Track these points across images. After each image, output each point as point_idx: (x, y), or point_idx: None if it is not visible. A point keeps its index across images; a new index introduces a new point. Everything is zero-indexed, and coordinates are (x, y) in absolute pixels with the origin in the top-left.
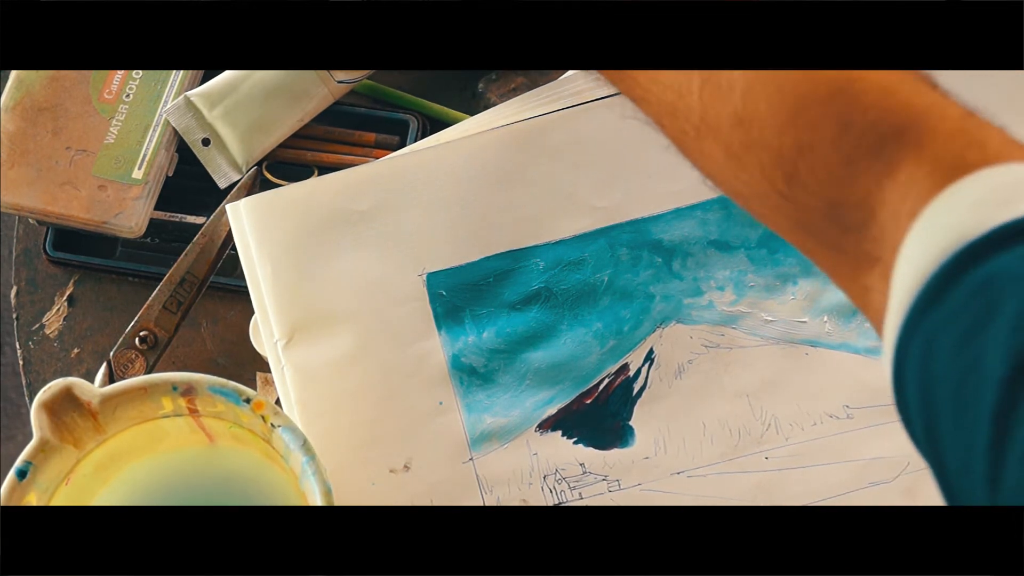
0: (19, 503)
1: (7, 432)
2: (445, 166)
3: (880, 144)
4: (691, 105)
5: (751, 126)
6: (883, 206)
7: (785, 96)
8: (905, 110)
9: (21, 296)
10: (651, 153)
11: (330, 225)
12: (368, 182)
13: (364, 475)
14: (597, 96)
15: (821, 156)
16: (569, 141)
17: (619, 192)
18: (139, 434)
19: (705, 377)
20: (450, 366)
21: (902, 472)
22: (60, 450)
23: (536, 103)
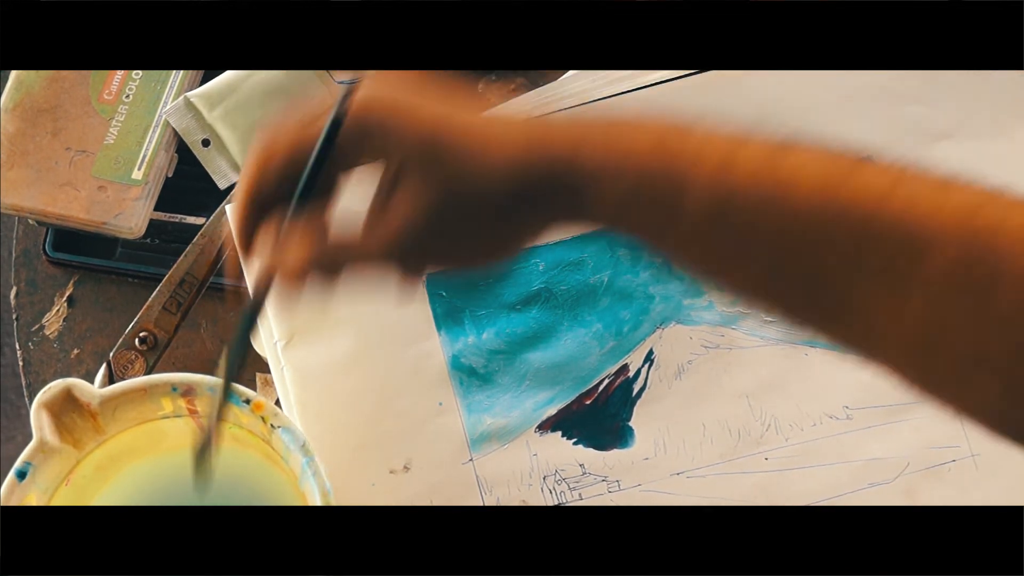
0: (19, 503)
1: (7, 433)
2: None
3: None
4: (956, 339)
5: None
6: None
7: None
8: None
9: (21, 297)
10: None
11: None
12: (368, 181)
13: (364, 476)
14: (597, 96)
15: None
16: None
17: None
18: (139, 435)
19: (705, 378)
20: (450, 367)
21: (902, 472)
22: (60, 451)
23: (536, 103)
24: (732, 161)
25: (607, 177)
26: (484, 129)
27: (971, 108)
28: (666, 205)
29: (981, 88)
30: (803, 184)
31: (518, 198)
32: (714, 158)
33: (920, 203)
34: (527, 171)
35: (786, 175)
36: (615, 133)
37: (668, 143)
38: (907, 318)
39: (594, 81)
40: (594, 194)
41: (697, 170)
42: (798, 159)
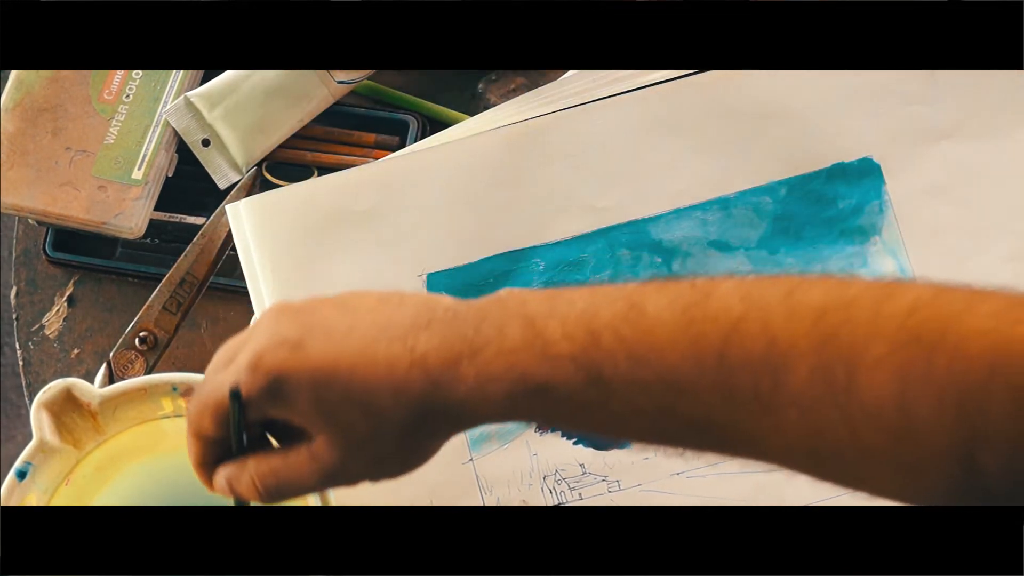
0: (19, 503)
1: (7, 433)
2: (445, 166)
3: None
4: (837, 439)
5: (918, 435)
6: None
7: (944, 392)
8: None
9: (21, 297)
10: (651, 153)
11: (330, 226)
12: (368, 182)
13: None
14: (597, 96)
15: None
16: (569, 141)
17: (619, 192)
18: (139, 435)
19: None
20: None
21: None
22: (60, 451)
23: (536, 103)
24: (593, 330)
25: (481, 385)
26: (367, 365)
27: (971, 108)
28: (543, 394)
29: (981, 88)
30: (660, 332)
31: (411, 422)
32: (576, 333)
33: (770, 321)
34: (412, 399)
35: (644, 326)
36: (485, 337)
37: (534, 329)
38: (789, 433)
39: (594, 81)
40: (475, 403)
41: (562, 350)
42: (652, 305)
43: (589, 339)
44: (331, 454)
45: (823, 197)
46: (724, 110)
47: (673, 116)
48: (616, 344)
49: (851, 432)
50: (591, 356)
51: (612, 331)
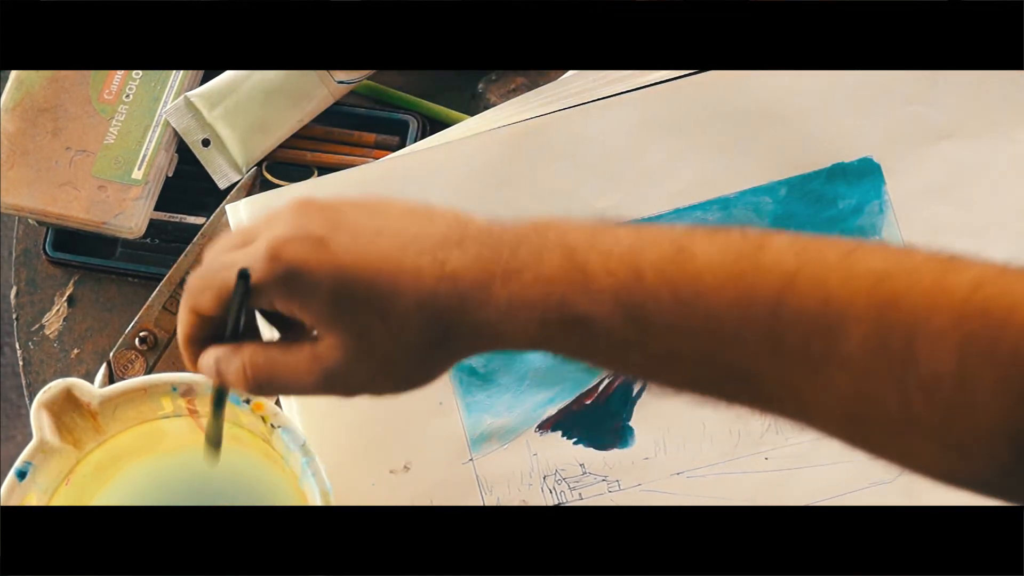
0: (19, 503)
1: (7, 432)
2: (445, 166)
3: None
4: (886, 408)
5: (974, 412)
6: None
7: (1007, 371)
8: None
9: (21, 296)
10: (651, 153)
11: None
12: (368, 182)
13: (364, 475)
14: (597, 96)
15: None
16: (569, 141)
17: (619, 192)
18: (139, 435)
19: None
20: None
21: (902, 472)
22: (60, 450)
23: (536, 103)
24: (638, 268)
25: (515, 310)
26: (393, 272)
27: (971, 108)
28: (580, 326)
29: (981, 88)
30: (709, 278)
31: (432, 336)
32: (619, 269)
33: (826, 279)
34: (438, 312)
35: (692, 270)
36: (521, 261)
37: (574, 260)
38: (835, 395)
39: (594, 81)
40: (506, 327)
41: (603, 284)
42: (702, 251)
43: (633, 277)
44: (337, 357)
45: (823, 197)
46: (724, 110)
47: (673, 116)
48: (661, 285)
49: (902, 402)
50: (634, 295)
51: (658, 272)
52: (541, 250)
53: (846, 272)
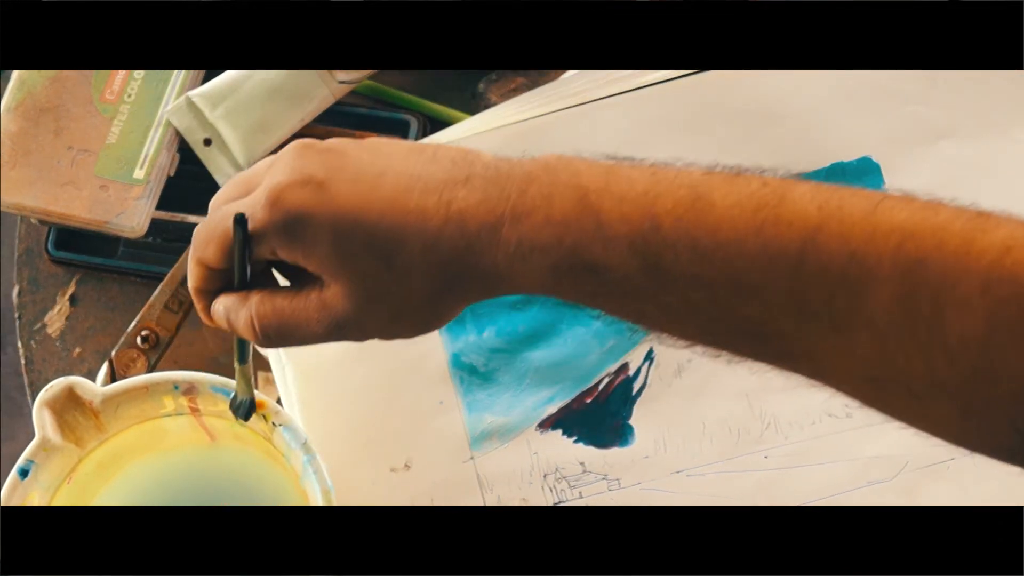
0: (21, 502)
1: (9, 431)
2: None
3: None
4: (908, 370)
5: (999, 379)
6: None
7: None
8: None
9: (23, 295)
10: (651, 153)
11: None
12: None
13: (365, 474)
14: (597, 96)
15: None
16: (569, 141)
17: None
18: (141, 433)
19: (704, 376)
20: (451, 365)
21: (901, 471)
22: (62, 449)
23: (536, 103)
24: (654, 216)
25: (525, 254)
26: (397, 214)
27: (971, 108)
28: (592, 274)
29: (981, 88)
30: (728, 229)
31: (440, 280)
32: (635, 216)
33: (851, 235)
34: (445, 255)
35: (710, 221)
36: (532, 202)
37: (588, 205)
38: (856, 355)
39: (594, 81)
40: (516, 271)
41: (618, 231)
42: (721, 200)
43: (649, 224)
44: (344, 305)
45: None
46: (724, 110)
47: (673, 116)
48: (679, 234)
49: (925, 366)
50: (650, 244)
51: (675, 219)
52: (552, 191)
53: (871, 228)
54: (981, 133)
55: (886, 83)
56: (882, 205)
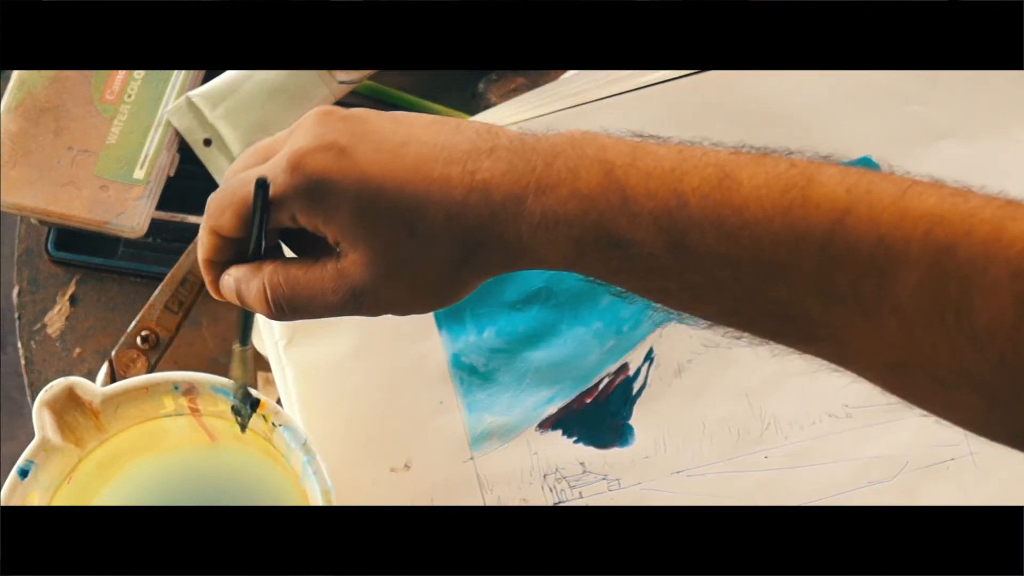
0: (21, 502)
1: (9, 431)
2: None
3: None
4: (935, 358)
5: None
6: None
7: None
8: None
9: (23, 296)
10: None
11: None
12: None
13: (365, 474)
14: (597, 96)
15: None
16: None
17: None
18: (141, 433)
19: (704, 376)
20: (451, 365)
21: (901, 471)
22: (62, 449)
23: (536, 103)
24: (680, 193)
25: (549, 226)
26: (420, 182)
27: (971, 108)
28: (616, 249)
29: (981, 88)
30: (756, 209)
31: (461, 250)
32: (661, 192)
33: (879, 218)
34: (467, 224)
35: (737, 200)
36: (557, 175)
37: (614, 179)
38: (882, 340)
39: (594, 81)
40: (539, 243)
41: (644, 207)
42: (748, 180)
43: (675, 201)
44: (362, 273)
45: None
46: (724, 110)
47: (673, 116)
48: (705, 212)
49: (952, 353)
50: (676, 220)
51: (702, 197)
52: (578, 164)
53: (900, 212)
54: (981, 133)
55: (886, 83)
56: (911, 190)
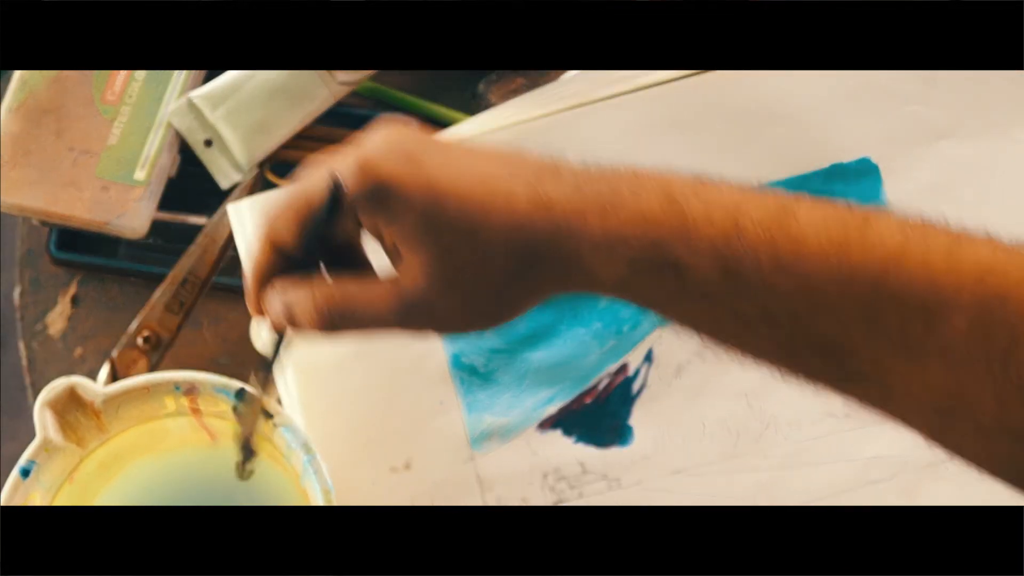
0: (22, 502)
1: (10, 431)
2: None
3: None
4: (979, 406)
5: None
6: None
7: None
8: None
9: (25, 296)
10: (651, 153)
11: None
12: None
13: (365, 474)
14: (597, 96)
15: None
16: (570, 142)
17: None
18: (142, 433)
19: (704, 377)
20: (451, 365)
21: (901, 470)
22: (63, 449)
23: (536, 103)
24: (739, 223)
25: (609, 245)
26: (486, 193)
27: (971, 108)
28: (672, 272)
29: (981, 88)
30: (812, 243)
31: (520, 264)
32: (720, 220)
33: (932, 263)
34: (529, 238)
35: (794, 233)
36: (619, 197)
37: (675, 204)
38: (927, 384)
39: (594, 81)
40: (598, 262)
41: (703, 232)
42: (806, 216)
43: (734, 230)
44: (419, 282)
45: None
46: (724, 110)
47: (673, 116)
48: (762, 243)
49: (998, 405)
50: (733, 247)
51: (760, 228)
52: (640, 190)
53: (953, 259)
54: (981, 133)
55: (886, 83)
56: (966, 239)
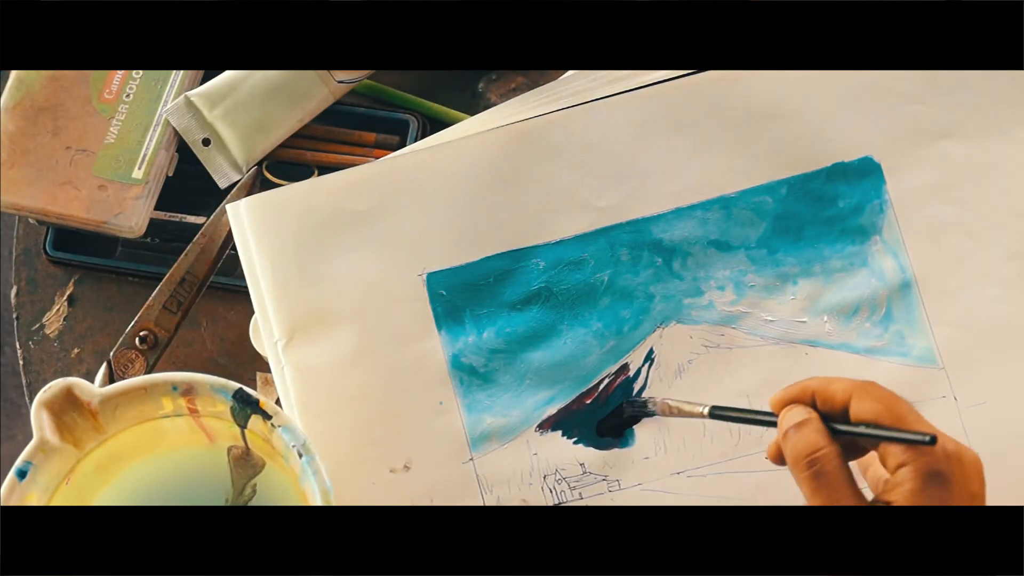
0: (19, 503)
1: (7, 432)
2: (445, 166)
3: None
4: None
5: None
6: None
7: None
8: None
9: (21, 296)
10: (651, 153)
11: (330, 225)
12: (368, 182)
13: (364, 475)
14: (597, 96)
15: None
16: (569, 141)
17: (619, 192)
18: (139, 434)
19: (705, 377)
20: (450, 366)
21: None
22: (60, 450)
23: (536, 103)
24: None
25: None
26: None
27: (971, 108)
28: None
29: (981, 88)
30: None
31: None
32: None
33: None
34: None
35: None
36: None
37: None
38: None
39: (594, 81)
40: None
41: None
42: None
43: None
44: None
45: (823, 196)
46: (724, 110)
47: (673, 116)
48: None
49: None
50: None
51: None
52: None
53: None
54: (982, 133)
55: (886, 83)
56: None
